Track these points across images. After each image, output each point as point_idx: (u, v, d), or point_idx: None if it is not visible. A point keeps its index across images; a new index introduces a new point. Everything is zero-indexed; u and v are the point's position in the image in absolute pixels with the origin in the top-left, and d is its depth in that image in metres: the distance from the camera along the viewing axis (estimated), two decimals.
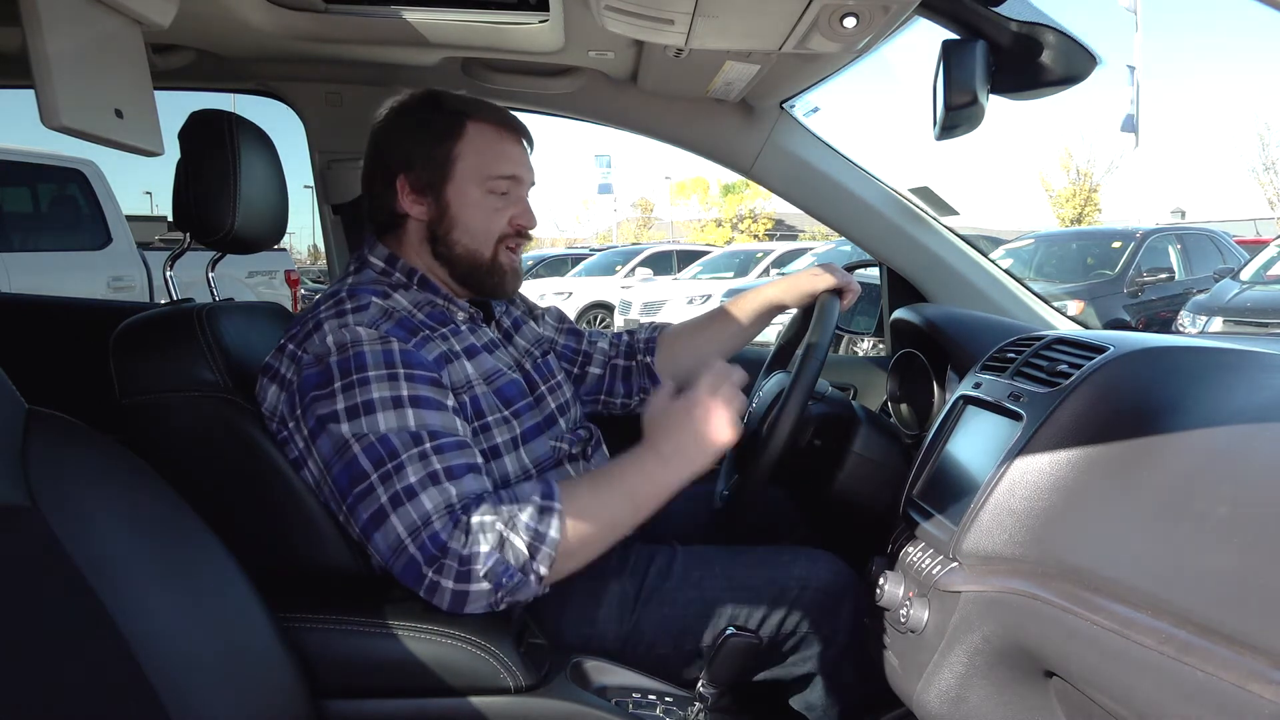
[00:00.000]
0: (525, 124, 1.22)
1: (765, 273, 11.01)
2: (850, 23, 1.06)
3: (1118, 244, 8.03)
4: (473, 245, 1.16)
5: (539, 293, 11.45)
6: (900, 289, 1.80)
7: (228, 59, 1.55)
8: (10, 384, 0.72)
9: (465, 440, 1.05)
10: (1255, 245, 9.00)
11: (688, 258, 13.35)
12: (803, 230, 28.87)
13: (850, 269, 1.76)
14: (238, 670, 0.84)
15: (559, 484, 1.03)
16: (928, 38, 1.25)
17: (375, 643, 0.99)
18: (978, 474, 0.96)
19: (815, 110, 1.71)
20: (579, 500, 1.02)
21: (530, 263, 14.56)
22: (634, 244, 20.92)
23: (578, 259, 14.63)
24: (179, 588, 0.80)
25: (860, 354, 4.25)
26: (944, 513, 1.00)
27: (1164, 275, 7.78)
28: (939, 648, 0.91)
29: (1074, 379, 0.92)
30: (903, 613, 0.97)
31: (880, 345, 2.00)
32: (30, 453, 0.69)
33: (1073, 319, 1.80)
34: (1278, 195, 21.34)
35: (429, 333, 1.10)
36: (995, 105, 1.19)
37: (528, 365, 1.26)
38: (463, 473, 1.01)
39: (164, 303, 1.32)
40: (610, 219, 36.89)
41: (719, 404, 1.04)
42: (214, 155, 1.20)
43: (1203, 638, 0.62)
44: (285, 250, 7.48)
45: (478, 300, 1.25)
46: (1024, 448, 0.89)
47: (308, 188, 1.82)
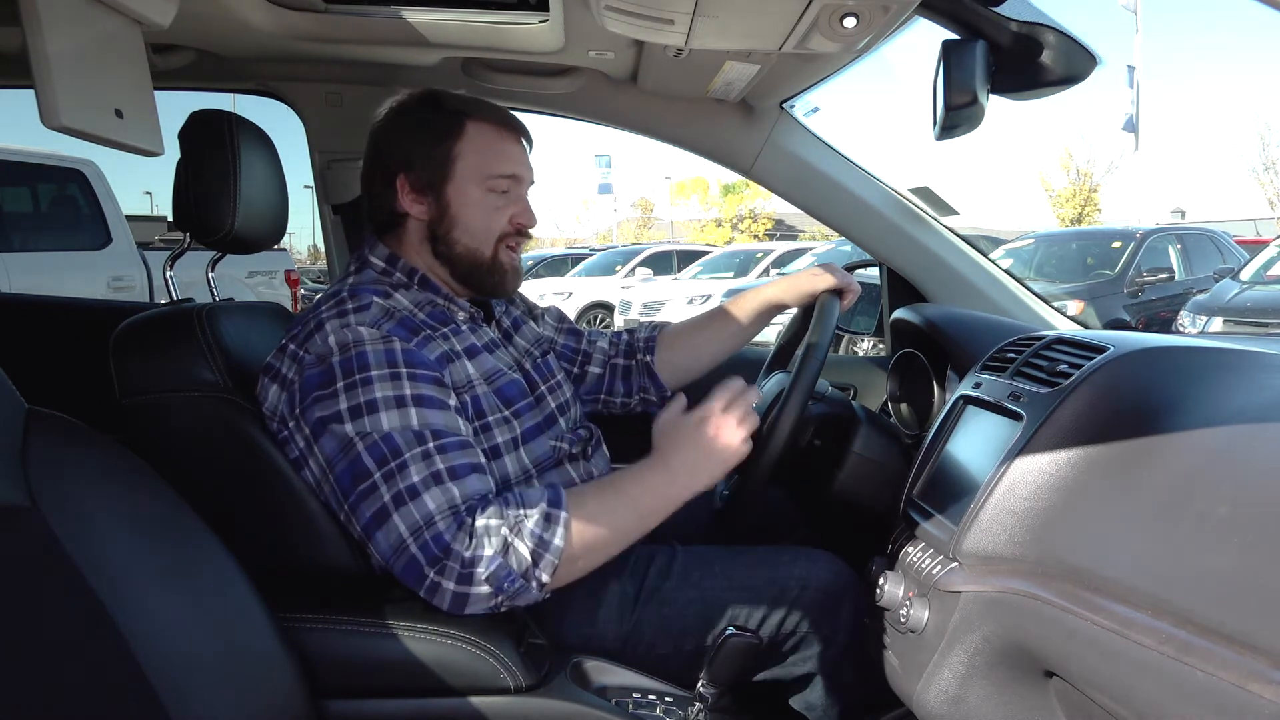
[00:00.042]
0: (525, 123, 1.22)
1: (765, 273, 11.00)
2: (850, 23, 1.06)
3: (1118, 244, 8.03)
4: (473, 244, 1.17)
5: (539, 293, 11.44)
6: (900, 289, 1.80)
7: (228, 59, 1.55)
8: (10, 384, 0.72)
9: (468, 440, 1.05)
10: (1255, 245, 9.00)
11: (688, 258, 13.35)
12: (803, 230, 28.86)
13: (850, 269, 1.76)
14: (238, 670, 0.84)
15: (566, 492, 1.03)
16: (928, 38, 1.25)
17: (375, 643, 1.00)
18: (978, 474, 0.96)
19: (815, 110, 1.71)
20: (585, 508, 1.02)
21: (530, 263, 14.55)
22: (634, 244, 20.91)
23: (578, 259, 14.63)
24: (179, 588, 0.81)
25: (860, 354, 4.25)
26: (944, 513, 1.00)
27: (1164, 275, 7.78)
28: (939, 648, 0.91)
29: (1074, 379, 0.92)
30: (903, 613, 0.97)
31: (880, 345, 2.00)
32: (30, 453, 0.69)
33: (1073, 319, 1.80)
34: (1278, 195, 21.35)
35: (430, 332, 1.10)
36: (995, 105, 1.19)
37: (527, 365, 1.26)
38: (466, 472, 1.01)
39: (164, 303, 1.32)
40: (610, 219, 36.91)
41: (731, 420, 1.05)
42: (214, 155, 1.21)
43: (1203, 638, 0.62)
44: (285, 250, 7.48)
45: (478, 300, 1.25)
46: (1024, 448, 0.89)
47: (308, 188, 1.82)
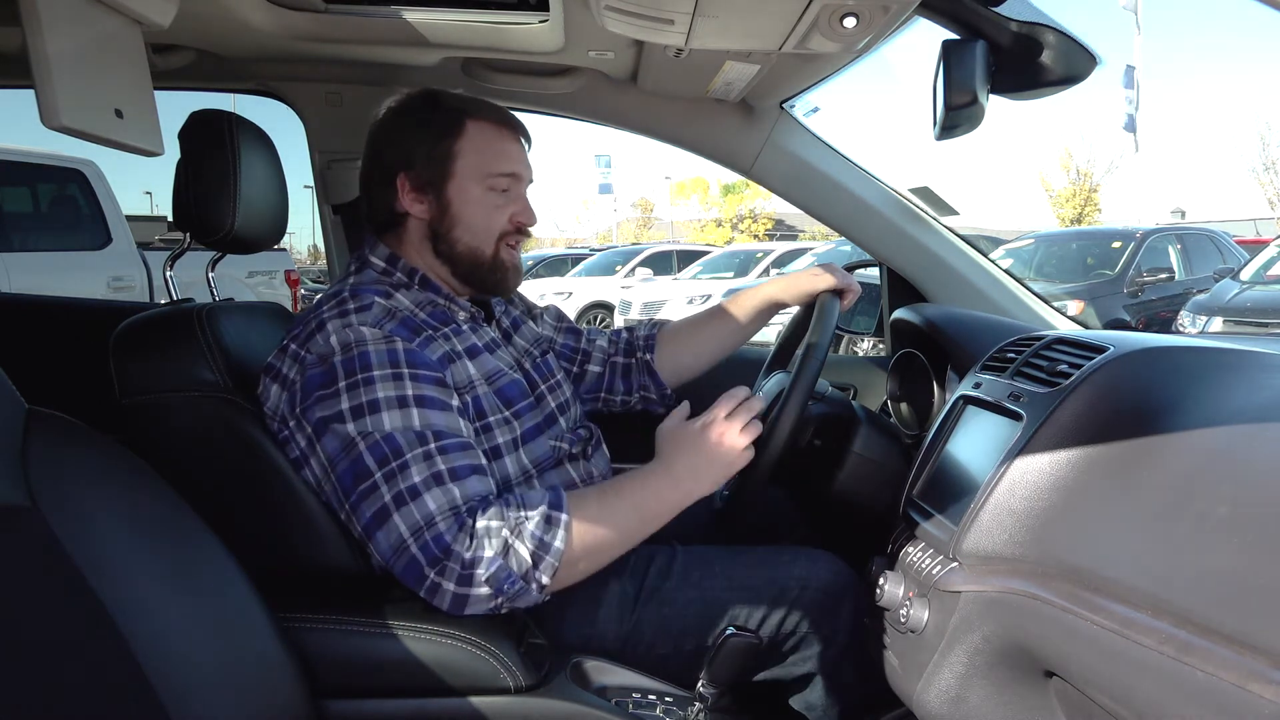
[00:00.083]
0: (523, 122, 1.22)
1: (765, 273, 11.00)
2: (850, 23, 1.06)
3: (1118, 244, 8.03)
4: (474, 243, 1.17)
5: (539, 293, 11.44)
6: (900, 289, 1.80)
7: (228, 59, 1.55)
8: (10, 384, 0.72)
9: (469, 441, 1.05)
10: (1255, 245, 9.00)
11: (688, 258, 13.34)
12: (803, 230, 28.87)
13: (850, 269, 1.76)
14: (238, 670, 0.84)
15: (567, 494, 1.03)
16: (928, 38, 1.25)
17: (375, 643, 1.00)
18: (978, 474, 0.96)
19: (815, 110, 1.71)
20: (586, 512, 1.02)
21: (530, 263, 14.55)
22: (634, 244, 20.91)
23: (578, 259, 14.63)
24: (179, 588, 0.81)
25: (860, 354, 4.25)
26: (944, 513, 1.00)
27: (1164, 275, 7.78)
28: (939, 648, 0.91)
29: (1074, 379, 0.92)
30: (903, 613, 0.97)
31: (880, 345, 2.00)
32: (30, 453, 0.69)
33: (1073, 319, 1.80)
34: (1278, 195, 21.35)
35: (432, 332, 1.10)
36: (995, 105, 1.19)
37: (527, 365, 1.26)
38: (467, 474, 1.01)
39: (164, 303, 1.32)
40: (610, 219, 36.89)
41: (734, 427, 1.05)
42: (214, 155, 1.21)
43: (1203, 638, 0.62)
44: (285, 250, 7.48)
45: (478, 299, 1.25)
46: (1024, 448, 0.89)
47: (308, 188, 1.82)
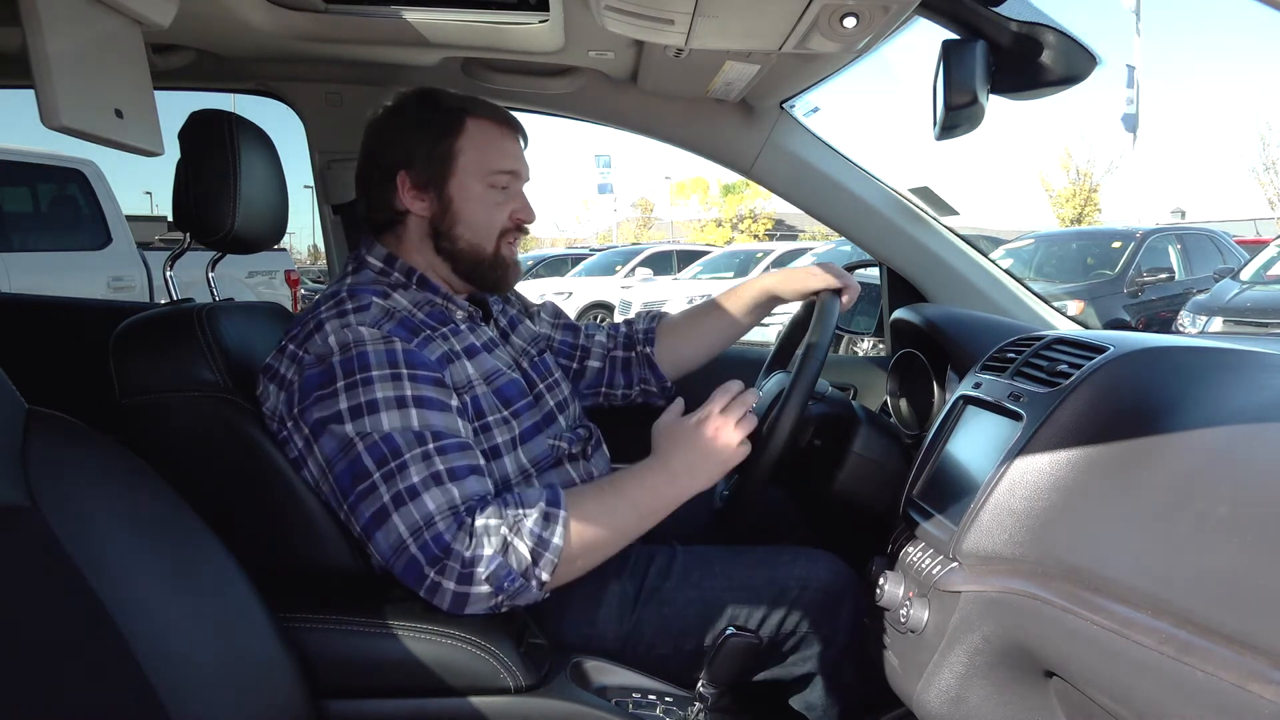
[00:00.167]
0: (520, 121, 1.23)
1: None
2: (850, 23, 1.06)
3: (1118, 244, 8.02)
4: (475, 240, 1.17)
5: (539, 293, 11.44)
6: (900, 289, 1.80)
7: (228, 59, 1.55)
8: (10, 384, 0.72)
9: (468, 441, 1.05)
10: (1255, 245, 9.00)
11: (688, 258, 13.34)
12: (803, 230, 28.86)
13: (850, 269, 1.76)
14: (238, 670, 0.84)
15: (565, 491, 1.03)
16: (928, 38, 1.25)
17: (375, 643, 1.00)
18: (978, 474, 0.96)
19: (815, 110, 1.71)
20: (584, 508, 1.02)
21: (530, 263, 14.56)
22: (634, 244, 20.91)
23: (578, 259, 14.63)
24: (179, 588, 0.81)
25: (860, 354, 4.25)
26: (944, 513, 1.00)
27: (1164, 275, 7.78)
28: (939, 648, 0.91)
29: (1074, 379, 0.92)
30: (903, 613, 0.97)
31: (880, 345, 2.00)
32: (30, 453, 0.69)
33: (1073, 319, 1.80)
34: (1278, 195, 21.35)
35: (430, 332, 1.10)
36: (995, 105, 1.19)
37: (525, 364, 1.26)
38: (465, 474, 1.01)
39: (164, 303, 1.32)
40: (610, 219, 36.87)
41: (729, 422, 1.05)
42: (214, 155, 1.21)
43: (1203, 638, 0.62)
44: (285, 250, 7.48)
45: (476, 299, 1.26)
46: (1024, 448, 0.89)
47: (308, 188, 1.82)
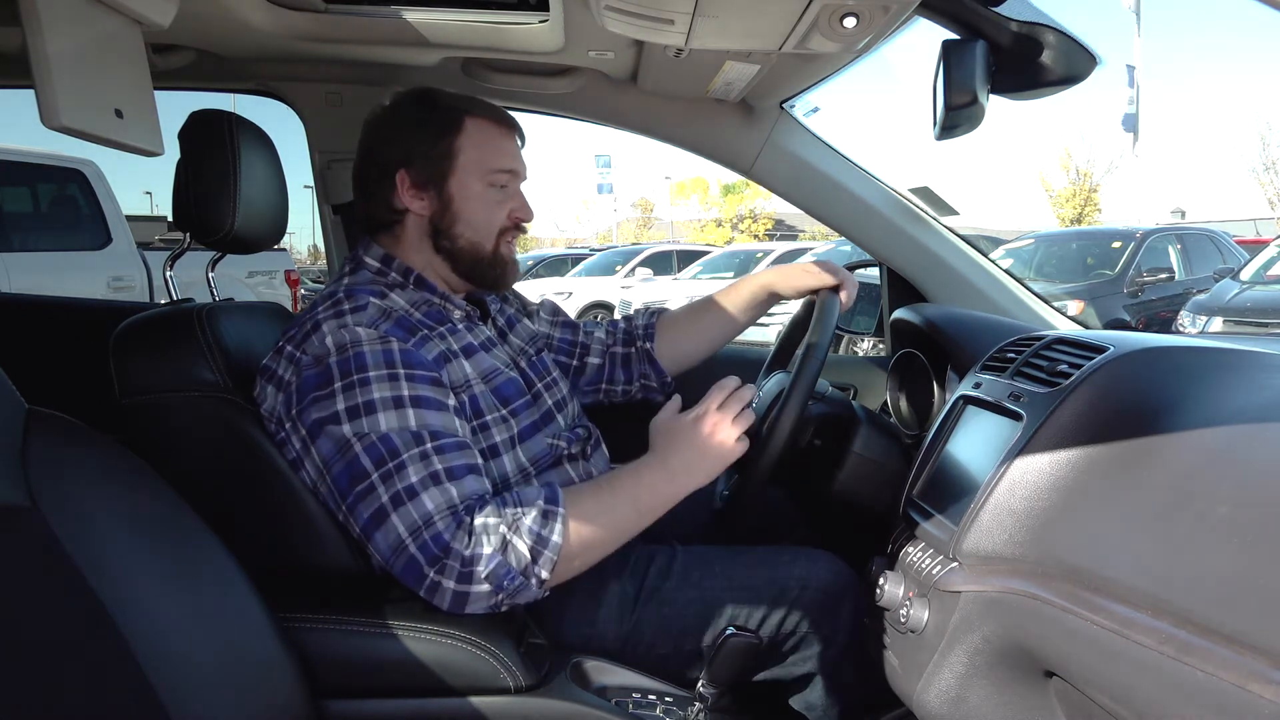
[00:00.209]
0: (518, 120, 1.23)
1: None
2: (850, 23, 1.06)
3: (1118, 244, 8.02)
4: (475, 238, 1.18)
5: (539, 293, 11.42)
6: (900, 289, 1.80)
7: (228, 59, 1.55)
8: (10, 384, 0.72)
9: (465, 441, 1.05)
10: (1255, 245, 9.00)
11: (688, 258, 13.34)
12: (803, 230, 28.87)
13: (850, 269, 1.76)
14: (238, 670, 0.84)
15: (563, 490, 1.03)
16: (928, 38, 1.25)
17: (375, 643, 1.00)
18: (978, 474, 0.96)
19: (815, 110, 1.71)
20: (582, 506, 1.02)
21: (530, 263, 14.56)
22: (634, 244, 20.90)
23: (578, 259, 14.62)
24: (179, 588, 0.81)
25: (860, 354, 4.24)
26: (944, 513, 1.00)
27: (1164, 275, 7.78)
28: (939, 648, 0.91)
29: (1074, 379, 0.92)
30: (903, 613, 0.97)
31: (880, 345, 2.00)
32: (30, 453, 0.69)
33: (1073, 319, 1.80)
34: (1278, 195, 21.35)
35: (427, 332, 1.10)
36: (995, 105, 1.19)
37: (523, 363, 1.26)
38: (463, 473, 1.01)
39: (164, 303, 1.32)
40: (610, 219, 36.86)
41: (726, 418, 1.05)
42: (214, 155, 1.21)
43: (1203, 638, 0.62)
44: (285, 250, 7.48)
45: (474, 298, 1.26)
46: (1024, 448, 0.89)
47: (308, 188, 1.82)
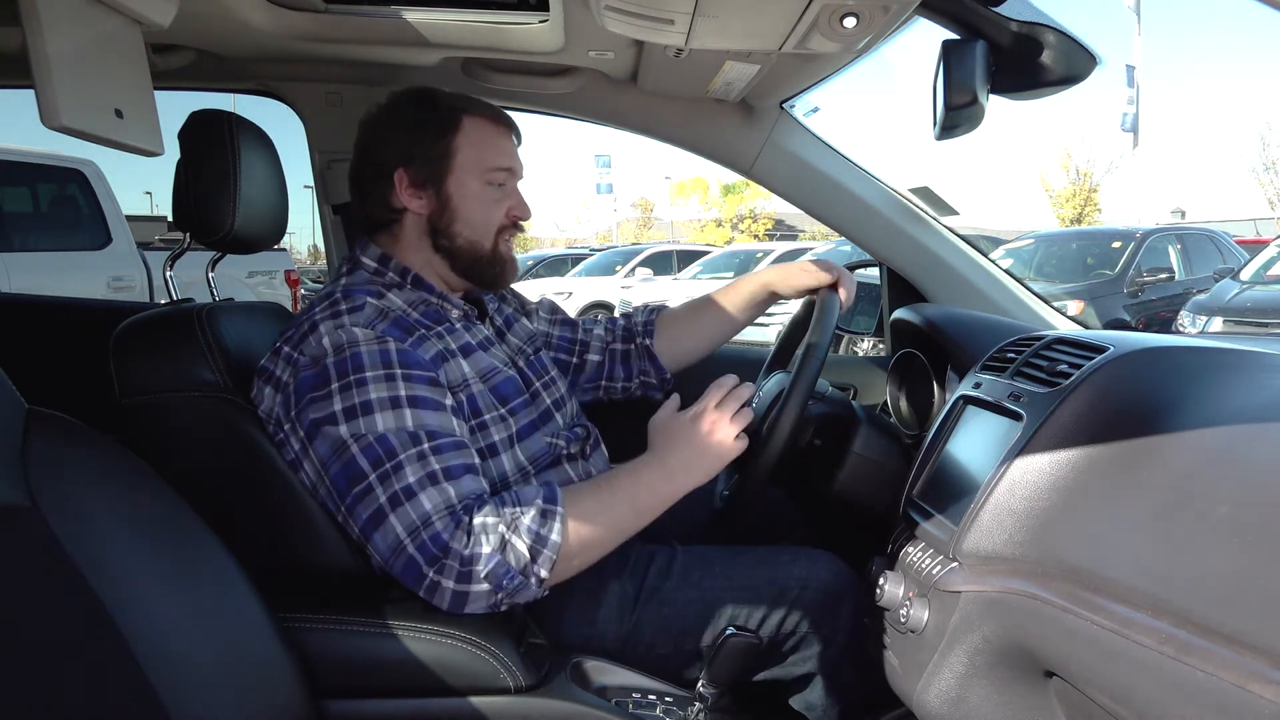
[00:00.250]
0: (515, 120, 1.24)
1: None
2: (850, 23, 1.06)
3: (1118, 244, 8.02)
4: (474, 237, 1.18)
5: (539, 293, 11.38)
6: (900, 289, 1.80)
7: (228, 59, 1.55)
8: (10, 384, 0.72)
9: (463, 441, 1.05)
10: (1255, 245, 9.00)
11: (688, 258, 13.34)
12: (803, 230, 28.87)
13: (850, 269, 1.76)
14: (238, 670, 0.84)
15: (562, 489, 1.03)
16: (928, 38, 1.25)
17: (375, 643, 1.00)
18: (978, 474, 0.96)
19: (815, 110, 1.71)
20: (581, 505, 1.02)
21: (530, 263, 14.56)
22: (634, 244, 20.90)
23: (578, 259, 14.62)
24: (179, 588, 0.81)
25: (860, 354, 4.24)
26: (944, 513, 1.00)
27: (1164, 275, 7.78)
28: (939, 648, 0.91)
29: (1074, 379, 0.92)
30: (903, 613, 0.97)
31: (880, 345, 2.00)
32: (30, 453, 0.69)
33: (1073, 319, 1.80)
34: (1278, 195, 21.34)
35: (425, 331, 1.10)
36: (995, 105, 1.19)
37: (521, 362, 1.26)
38: (461, 473, 1.01)
39: (164, 303, 1.32)
40: (610, 219, 36.84)
41: (724, 417, 1.05)
42: (214, 155, 1.21)
43: (1203, 638, 0.62)
44: (285, 250, 7.48)
45: (471, 297, 1.26)
46: (1024, 448, 0.89)
47: (308, 188, 1.82)
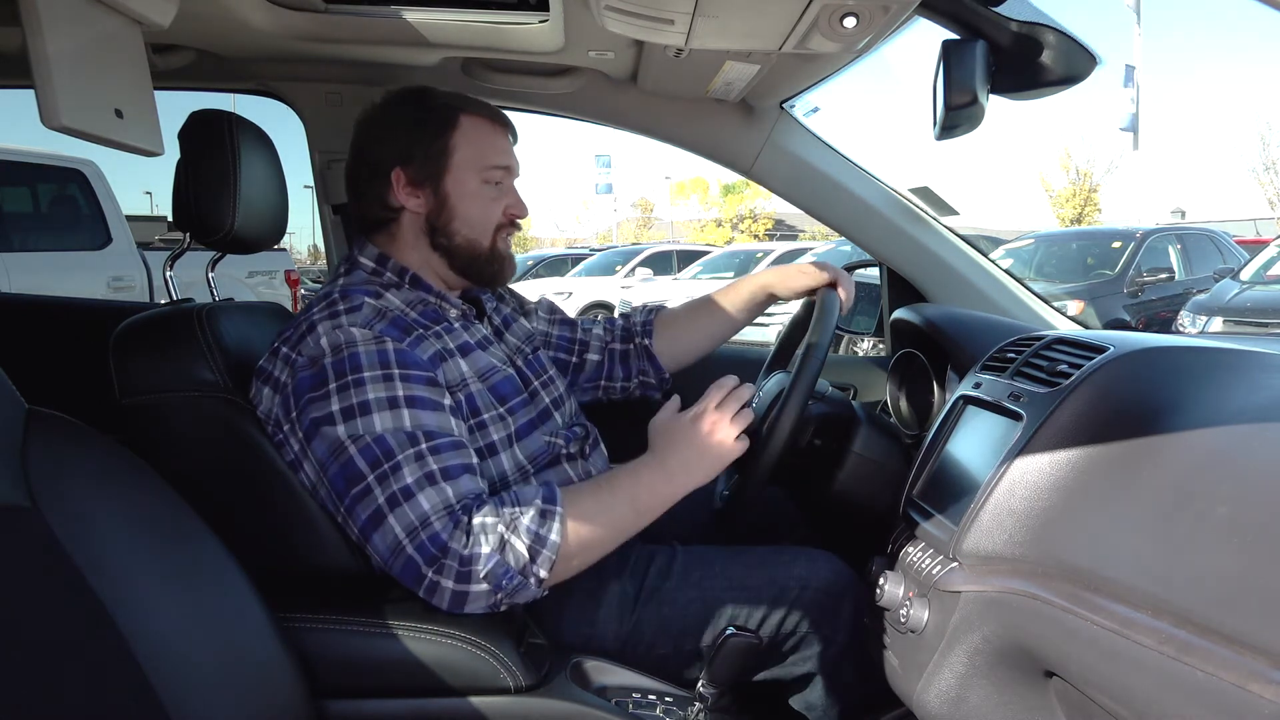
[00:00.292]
0: (510, 118, 1.24)
1: None
2: (850, 23, 1.06)
3: (1118, 244, 8.02)
4: (472, 235, 1.18)
5: (539, 293, 11.39)
6: (900, 289, 1.80)
7: (228, 59, 1.55)
8: (10, 384, 0.72)
9: (461, 440, 1.05)
10: (1255, 245, 9.00)
11: (688, 258, 13.35)
12: (803, 230, 28.87)
13: (850, 269, 1.76)
14: (238, 670, 0.84)
15: (561, 489, 1.03)
16: (928, 38, 1.25)
17: (375, 643, 1.00)
18: (978, 474, 0.96)
19: (815, 110, 1.71)
20: (581, 505, 1.02)
21: (530, 263, 14.56)
22: (634, 244, 20.90)
23: (578, 259, 14.62)
24: (179, 588, 0.81)
25: (860, 354, 4.24)
26: (944, 513, 1.00)
27: (1164, 275, 7.78)
28: (939, 648, 0.91)
29: (1074, 379, 0.92)
30: (903, 613, 0.97)
31: (880, 345, 2.00)
32: (30, 453, 0.69)
33: (1073, 319, 1.80)
34: (1278, 195, 21.34)
35: (423, 331, 1.10)
36: (995, 105, 1.19)
37: (519, 362, 1.26)
38: (459, 473, 1.01)
39: (164, 303, 1.32)
40: (610, 219, 36.86)
41: (724, 417, 1.05)
42: (214, 155, 1.21)
43: (1203, 638, 0.62)
44: (285, 250, 7.48)
45: (469, 296, 1.26)
46: (1024, 448, 0.89)
47: (308, 188, 1.82)
